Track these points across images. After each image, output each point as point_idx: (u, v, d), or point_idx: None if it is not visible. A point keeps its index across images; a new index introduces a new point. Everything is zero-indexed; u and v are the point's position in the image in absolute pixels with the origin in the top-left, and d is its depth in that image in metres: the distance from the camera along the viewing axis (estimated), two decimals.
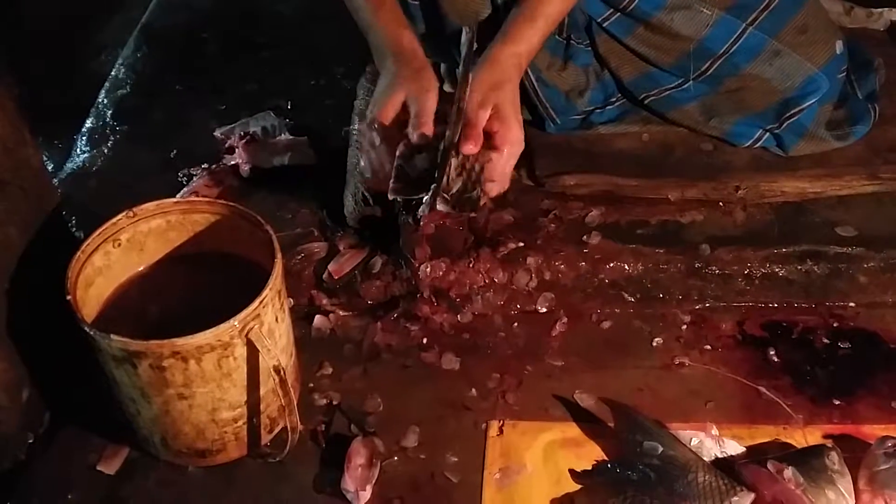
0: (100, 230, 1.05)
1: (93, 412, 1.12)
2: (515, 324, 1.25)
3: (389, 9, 1.21)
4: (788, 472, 0.98)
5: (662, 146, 1.37)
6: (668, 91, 1.33)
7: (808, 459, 1.01)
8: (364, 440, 1.08)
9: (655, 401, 1.15)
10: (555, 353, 1.21)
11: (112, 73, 1.74)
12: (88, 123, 1.62)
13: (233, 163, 1.45)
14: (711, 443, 1.08)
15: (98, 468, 1.09)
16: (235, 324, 0.95)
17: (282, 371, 0.98)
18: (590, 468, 1.06)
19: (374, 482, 1.05)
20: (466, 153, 1.10)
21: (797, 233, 1.28)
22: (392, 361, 1.21)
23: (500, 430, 1.12)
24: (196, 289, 1.09)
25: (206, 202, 1.12)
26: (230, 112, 1.59)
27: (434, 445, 1.10)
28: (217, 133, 1.53)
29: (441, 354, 1.21)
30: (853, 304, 1.27)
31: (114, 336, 0.93)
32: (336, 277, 1.25)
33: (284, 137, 1.50)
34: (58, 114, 1.65)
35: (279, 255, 1.01)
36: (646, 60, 1.31)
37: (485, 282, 1.25)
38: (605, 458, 1.08)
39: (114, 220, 1.07)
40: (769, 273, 1.26)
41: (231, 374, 0.99)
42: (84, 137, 1.59)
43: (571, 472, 1.06)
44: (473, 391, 1.17)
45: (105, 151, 1.55)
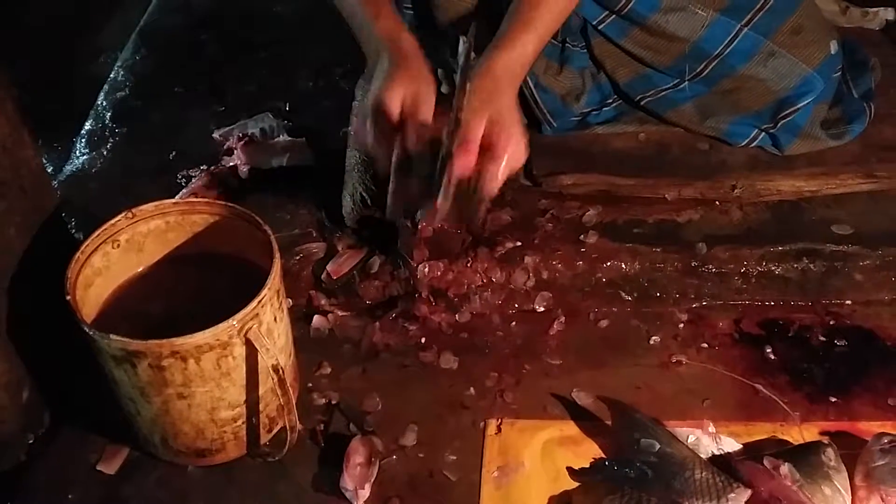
0: (99, 231, 1.06)
1: (93, 412, 1.13)
2: (513, 323, 1.26)
3: (387, 10, 1.20)
4: (785, 469, 0.98)
5: (659, 146, 1.37)
6: (664, 92, 1.34)
7: (805, 456, 1.01)
8: (363, 439, 1.09)
9: (653, 399, 1.15)
10: (552, 352, 1.22)
11: (111, 76, 1.74)
12: (88, 125, 1.62)
13: (231, 164, 1.45)
14: (708, 440, 1.08)
15: (98, 468, 1.09)
16: (234, 323, 0.95)
17: (280, 370, 0.98)
18: (588, 466, 1.07)
19: (373, 481, 1.05)
20: (460, 171, 1.07)
21: (793, 231, 1.28)
22: (390, 361, 1.21)
23: (499, 429, 1.12)
24: (195, 289, 1.09)
25: (205, 203, 1.12)
26: (229, 113, 1.60)
27: (432, 444, 1.11)
28: (216, 134, 1.54)
29: (439, 354, 1.21)
30: (849, 302, 1.28)
31: (113, 336, 0.94)
32: (334, 278, 1.26)
33: (283, 139, 1.50)
34: (57, 116, 1.65)
35: (278, 255, 1.02)
36: (641, 62, 1.31)
37: (483, 281, 1.25)
38: (603, 456, 1.08)
39: (113, 221, 1.07)
40: (766, 271, 1.26)
41: (230, 374, 0.99)
42: (83, 139, 1.59)
43: (569, 470, 1.07)
44: (472, 390, 1.17)
45: (104, 153, 1.56)
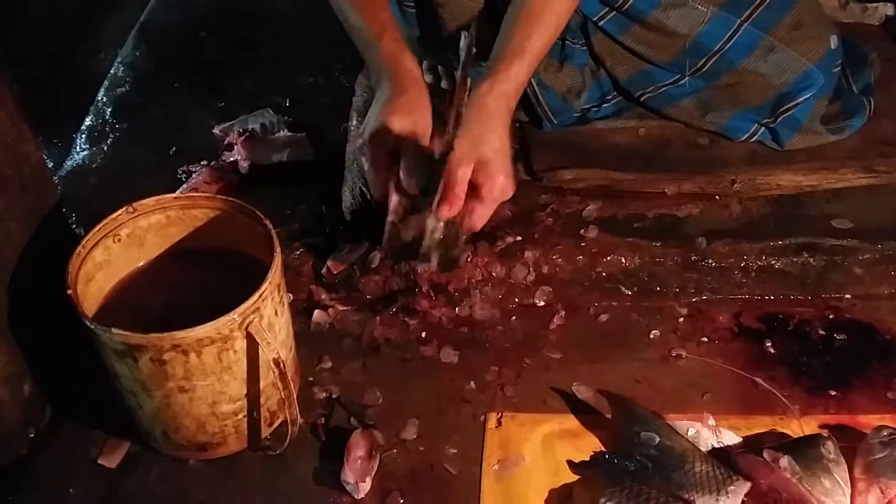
0: (100, 225, 1.06)
1: (94, 406, 1.13)
2: (513, 317, 1.26)
3: (390, 30, 1.20)
4: (784, 462, 0.98)
5: (659, 140, 1.38)
6: (664, 87, 1.34)
7: (804, 449, 1.01)
8: (363, 433, 1.09)
9: (653, 392, 1.15)
10: (553, 346, 1.22)
11: (111, 72, 1.74)
12: (88, 121, 1.62)
13: (232, 159, 1.45)
14: (708, 433, 1.08)
15: (99, 462, 1.10)
16: (235, 317, 0.96)
17: (281, 364, 0.99)
18: (588, 459, 1.07)
19: (374, 474, 1.05)
20: (442, 217, 1.08)
21: (793, 226, 1.29)
22: (391, 355, 1.21)
23: (499, 423, 1.12)
24: (196, 283, 1.09)
25: (206, 197, 1.12)
26: (229, 109, 1.60)
27: (433, 438, 1.11)
28: (216, 130, 1.54)
29: (440, 348, 1.21)
30: (849, 296, 1.28)
31: (114, 329, 0.94)
32: (335, 272, 1.26)
33: (283, 134, 1.50)
34: (57, 112, 1.65)
35: (278, 250, 1.02)
36: (641, 58, 1.31)
37: (483, 276, 1.25)
38: (603, 449, 1.08)
39: (114, 216, 1.07)
40: (765, 266, 1.26)
41: (231, 368, 0.99)
42: (84, 135, 1.59)
43: (569, 464, 1.07)
44: (472, 384, 1.17)
45: (105, 149, 1.56)
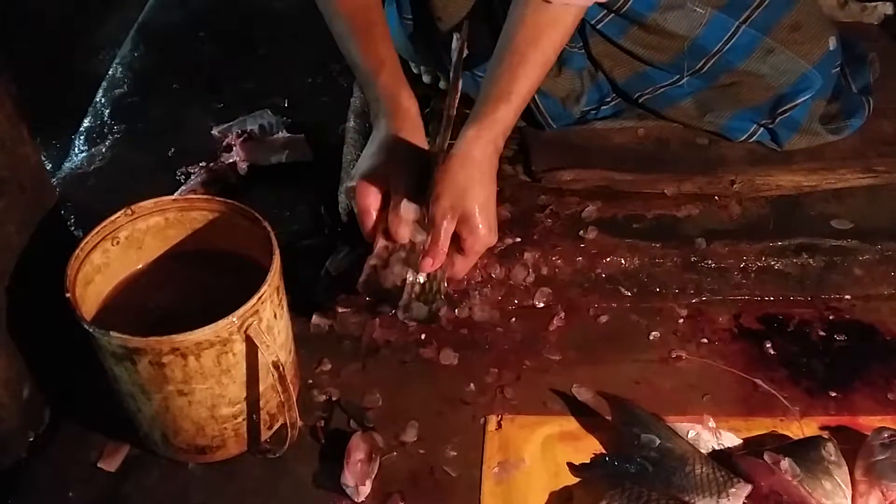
0: (98, 228, 1.05)
1: (93, 410, 1.13)
2: (513, 319, 1.26)
3: (389, 66, 1.17)
4: (785, 464, 0.98)
5: (658, 141, 1.37)
6: (663, 89, 1.33)
7: (805, 451, 1.01)
8: (363, 435, 1.09)
9: (653, 394, 1.15)
10: (552, 348, 1.22)
11: (109, 73, 1.73)
12: (86, 123, 1.62)
13: (230, 161, 1.45)
14: (708, 435, 1.08)
15: (99, 465, 1.09)
16: (234, 320, 0.95)
17: (281, 367, 0.98)
18: (588, 461, 1.07)
19: (374, 477, 1.05)
20: (425, 270, 1.06)
21: (793, 226, 1.28)
22: (391, 357, 1.21)
23: (499, 425, 1.12)
24: (195, 286, 1.09)
25: (204, 199, 1.11)
26: (228, 110, 1.59)
27: (433, 440, 1.11)
28: (215, 131, 1.54)
29: (439, 350, 1.21)
30: (849, 297, 1.28)
31: (113, 333, 0.94)
32: (334, 274, 1.26)
33: (282, 135, 1.50)
34: (56, 113, 1.64)
35: (277, 252, 1.02)
36: (640, 60, 1.31)
37: (482, 277, 1.25)
38: (603, 452, 1.08)
39: (112, 218, 1.07)
40: (765, 266, 1.26)
41: (230, 371, 0.99)
42: (82, 137, 1.59)
43: (570, 466, 1.07)
44: (472, 386, 1.17)
45: (103, 150, 1.55)
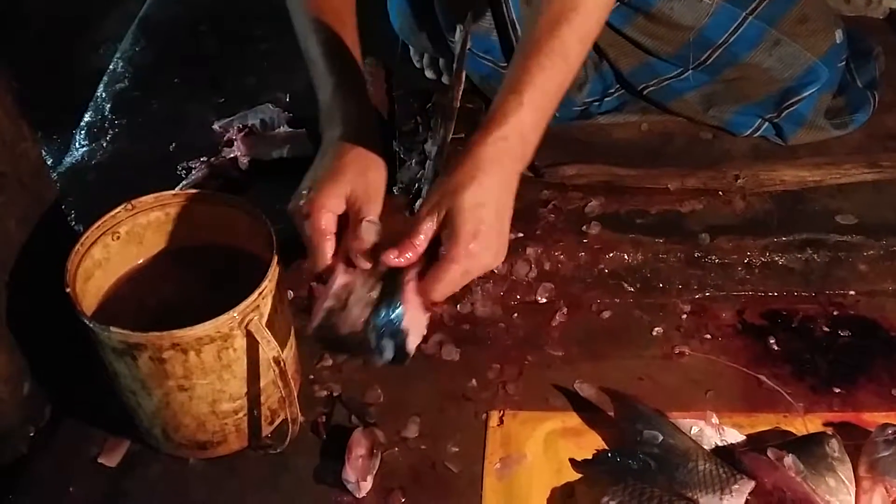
0: (99, 223, 1.05)
1: (94, 405, 1.13)
2: (515, 314, 1.25)
3: (349, 65, 1.08)
4: (789, 460, 0.98)
5: (661, 136, 1.37)
6: (668, 81, 1.33)
7: (809, 447, 1.01)
8: (365, 431, 1.08)
9: (656, 390, 1.15)
10: (555, 344, 1.21)
11: (110, 67, 1.73)
12: (87, 117, 1.61)
13: (231, 155, 1.45)
14: (712, 431, 1.08)
15: (99, 461, 1.09)
16: (235, 315, 0.95)
17: (282, 362, 0.98)
18: (590, 457, 1.06)
19: (375, 473, 1.05)
20: (386, 262, 0.89)
21: (797, 221, 1.28)
22: None
23: (501, 421, 1.12)
24: (195, 281, 1.09)
25: (205, 195, 1.11)
26: (229, 105, 1.58)
27: (435, 436, 1.10)
28: (216, 126, 1.53)
29: (441, 345, 1.21)
30: (853, 293, 1.27)
31: (113, 328, 0.93)
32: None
33: (283, 130, 1.49)
34: (56, 108, 1.65)
35: (278, 247, 1.01)
36: (645, 50, 1.30)
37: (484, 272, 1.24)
38: (606, 448, 1.08)
39: (113, 213, 1.06)
40: (769, 262, 1.26)
41: (231, 366, 0.99)
42: (83, 131, 1.58)
43: (572, 462, 1.06)
44: (474, 382, 1.17)
45: (104, 145, 1.55)
